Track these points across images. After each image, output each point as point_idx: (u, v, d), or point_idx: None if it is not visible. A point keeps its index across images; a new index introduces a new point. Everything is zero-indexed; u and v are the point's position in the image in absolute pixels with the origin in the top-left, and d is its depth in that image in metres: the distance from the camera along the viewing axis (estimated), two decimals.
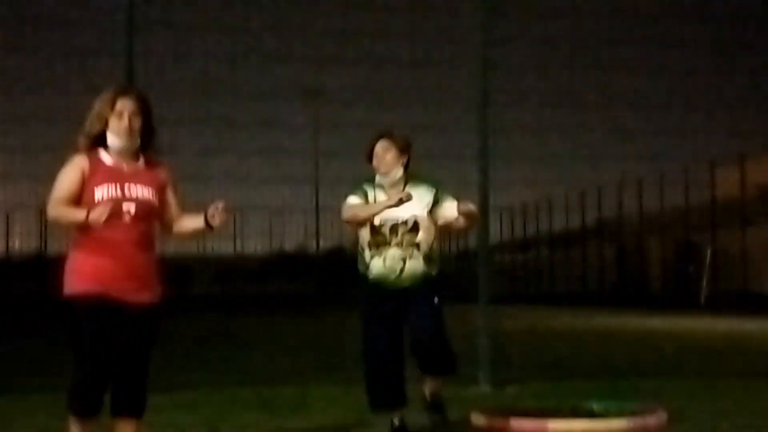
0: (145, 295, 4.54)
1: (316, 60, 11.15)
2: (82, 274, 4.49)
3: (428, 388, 5.74)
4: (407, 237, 5.54)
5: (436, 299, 5.63)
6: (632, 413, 6.14)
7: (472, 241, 6.95)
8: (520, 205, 41.72)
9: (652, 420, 5.96)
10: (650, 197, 35.87)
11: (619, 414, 6.17)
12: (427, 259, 5.58)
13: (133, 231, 4.52)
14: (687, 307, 26.35)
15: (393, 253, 5.53)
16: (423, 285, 5.59)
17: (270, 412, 6.63)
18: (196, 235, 4.79)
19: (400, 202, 5.39)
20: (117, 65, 8.03)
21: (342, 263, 41.31)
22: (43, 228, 36.75)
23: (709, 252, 32.17)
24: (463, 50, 8.86)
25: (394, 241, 5.53)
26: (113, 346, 4.49)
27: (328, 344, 13.28)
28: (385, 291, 5.57)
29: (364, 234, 5.60)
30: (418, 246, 5.56)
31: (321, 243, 40.54)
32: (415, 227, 5.55)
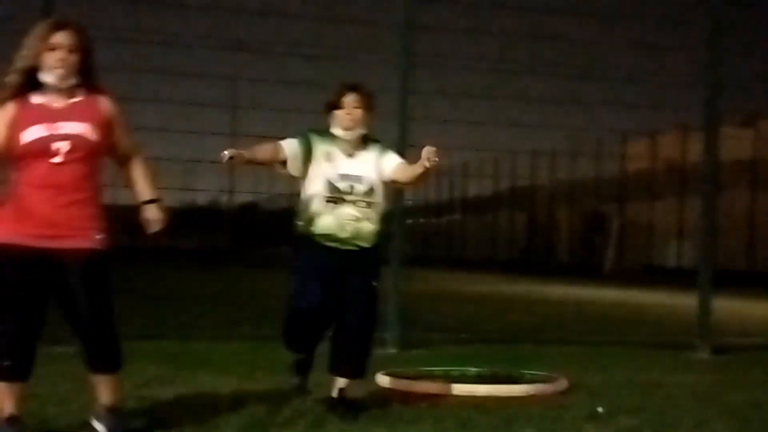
0: (81, 242, 4.22)
1: (238, 12, 10.98)
2: (7, 224, 4.21)
3: (337, 385, 5.41)
4: (363, 197, 5.34)
5: (374, 283, 5.41)
6: (534, 379, 6.28)
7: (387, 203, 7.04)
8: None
9: (553, 387, 6.09)
10: (563, 167, 36.48)
11: (522, 379, 6.30)
12: (376, 221, 5.40)
13: (67, 172, 4.19)
14: (592, 276, 26.95)
15: (347, 211, 5.31)
16: (369, 258, 5.38)
17: (176, 368, 6.59)
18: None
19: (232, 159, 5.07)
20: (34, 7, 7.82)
21: (255, 219, 41.11)
22: None
23: (616, 223, 32.89)
24: (389, 8, 8.81)
25: (349, 198, 5.31)
26: (42, 303, 4.24)
27: (238, 300, 13.23)
28: (329, 249, 5.31)
29: (317, 188, 5.33)
30: (371, 206, 5.37)
31: (235, 198, 40.26)
32: (371, 188, 5.37)
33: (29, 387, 4.36)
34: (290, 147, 5.35)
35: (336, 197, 5.32)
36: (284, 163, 5.36)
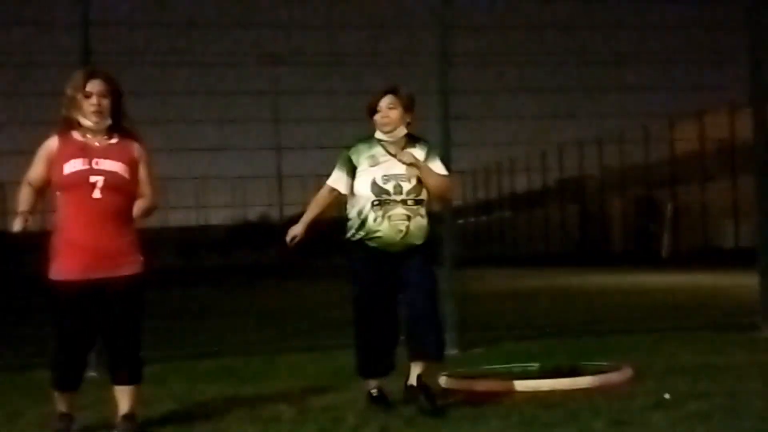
0: (123, 269, 4.78)
1: (275, 26, 11.04)
2: (62, 260, 4.75)
3: (414, 372, 5.44)
4: (412, 194, 5.35)
5: (431, 270, 5.48)
6: (597, 370, 6.20)
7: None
8: (482, 167, 41.83)
9: (617, 376, 6.02)
10: (610, 155, 36.13)
11: (585, 371, 6.23)
12: (427, 217, 5.43)
13: (104, 204, 4.74)
14: (648, 263, 26.64)
15: (398, 211, 5.33)
16: (423, 247, 5.42)
17: (237, 383, 6.62)
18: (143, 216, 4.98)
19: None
20: (72, 36, 7.91)
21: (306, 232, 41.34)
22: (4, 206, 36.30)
23: (669, 208, 32.50)
24: (422, 11, 8.79)
25: (398, 198, 5.34)
26: (92, 326, 4.79)
27: (291, 313, 13.28)
28: (385, 253, 5.35)
29: (364, 191, 5.38)
30: (420, 203, 5.39)
31: (284, 211, 40.43)
32: (419, 185, 5.38)
33: (79, 394, 5.02)
34: (337, 180, 5.51)
35: (383, 199, 5.35)
36: (339, 196, 5.55)
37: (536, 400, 5.40)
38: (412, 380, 5.41)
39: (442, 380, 6.09)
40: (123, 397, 4.87)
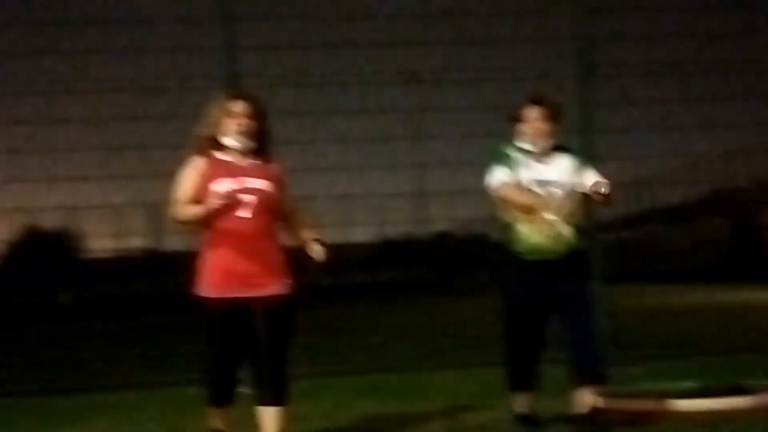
0: (273, 288, 4.72)
1: (412, 43, 11.08)
2: (212, 277, 4.73)
3: (580, 398, 5.33)
4: (563, 203, 5.25)
5: (586, 287, 5.36)
6: (757, 389, 5.93)
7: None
8: (631, 180, 40.93)
9: None
10: (764, 166, 34.75)
11: (744, 391, 5.96)
12: (577, 226, 5.30)
13: (255, 224, 4.71)
14: None
15: (550, 219, 5.21)
16: (573, 258, 5.29)
17: (386, 400, 6.63)
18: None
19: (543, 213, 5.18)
20: (205, 58, 8.15)
21: (449, 248, 41.25)
22: (155, 226, 37.67)
23: None
24: (558, 23, 8.69)
25: (551, 206, 5.22)
26: (243, 341, 4.74)
27: (439, 331, 13.25)
28: (537, 262, 5.24)
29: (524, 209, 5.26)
30: (572, 212, 5.28)
31: (428, 228, 40.52)
32: (569, 192, 5.29)
33: (232, 409, 4.93)
34: (506, 175, 5.34)
35: (536, 207, 5.22)
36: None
37: (694, 421, 5.20)
38: (582, 409, 5.28)
39: (595, 399, 5.93)
40: (268, 420, 4.76)
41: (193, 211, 4.70)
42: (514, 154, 5.38)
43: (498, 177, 5.33)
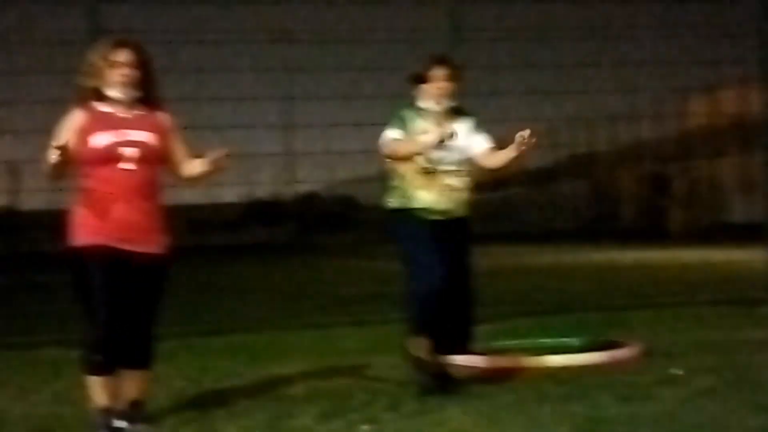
0: (149, 246, 4.51)
1: (284, 1, 10.99)
2: (86, 227, 4.46)
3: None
4: (456, 165, 5.37)
5: (469, 258, 5.48)
6: (606, 346, 6.21)
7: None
8: (494, 143, 41.68)
9: (626, 352, 6.02)
10: (622, 131, 35.97)
11: (594, 347, 6.23)
12: (469, 190, 5.44)
13: (135, 177, 4.48)
14: (659, 239, 26.58)
15: (444, 181, 5.34)
16: (463, 222, 5.43)
17: (248, 360, 6.65)
18: (205, 178, 4.70)
19: (442, 142, 5.21)
20: (80, 13, 7.93)
21: (316, 210, 41.28)
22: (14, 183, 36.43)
23: (680, 183, 32.39)
24: None
25: (444, 168, 5.34)
26: (123, 296, 4.44)
27: (302, 291, 13.30)
28: (430, 221, 5.34)
29: (411, 163, 5.35)
30: (464, 174, 5.41)
31: (296, 189, 40.41)
32: (465, 156, 5.40)
33: (119, 381, 4.51)
34: (398, 136, 5.38)
35: (432, 168, 5.32)
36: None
37: (546, 377, 5.41)
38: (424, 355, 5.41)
39: (449, 356, 6.10)
40: (130, 382, 4.55)
41: (48, 158, 4.36)
42: (413, 117, 5.42)
43: (390, 136, 5.39)
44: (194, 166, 4.67)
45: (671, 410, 4.50)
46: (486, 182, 43.20)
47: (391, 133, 5.39)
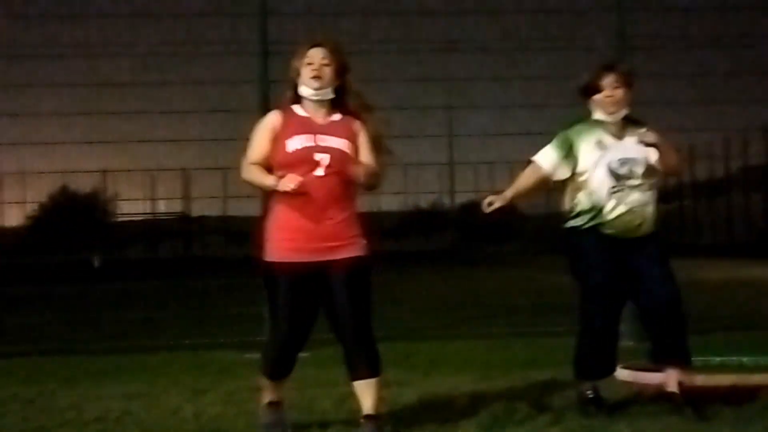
0: (346, 251, 4.49)
1: (449, 13, 11.00)
2: (281, 241, 4.49)
3: (672, 379, 5.04)
4: (643, 179, 5.04)
5: (669, 262, 5.11)
6: None
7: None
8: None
9: None
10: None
11: None
12: (657, 203, 5.12)
13: (328, 184, 4.46)
14: None
15: (634, 197, 5.02)
16: (656, 236, 5.12)
17: (411, 369, 6.65)
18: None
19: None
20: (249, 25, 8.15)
21: (477, 218, 41.26)
22: (186, 189, 37.89)
23: None
24: None
25: (632, 183, 5.02)
26: (312, 310, 4.53)
27: (466, 299, 13.26)
28: (619, 240, 5.02)
29: (600, 176, 5.03)
30: (651, 188, 5.07)
31: (456, 198, 40.41)
32: (650, 168, 5.06)
33: (289, 381, 4.75)
34: (547, 158, 5.15)
35: (621, 185, 5.02)
36: (547, 177, 5.16)
37: (718, 396, 5.17)
38: (671, 387, 5.05)
39: (618, 372, 5.92)
40: (365, 395, 4.48)
41: (262, 180, 4.48)
42: (589, 130, 5.11)
43: (545, 157, 5.14)
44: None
45: None
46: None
47: (546, 152, 5.15)
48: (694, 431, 4.39)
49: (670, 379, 5.02)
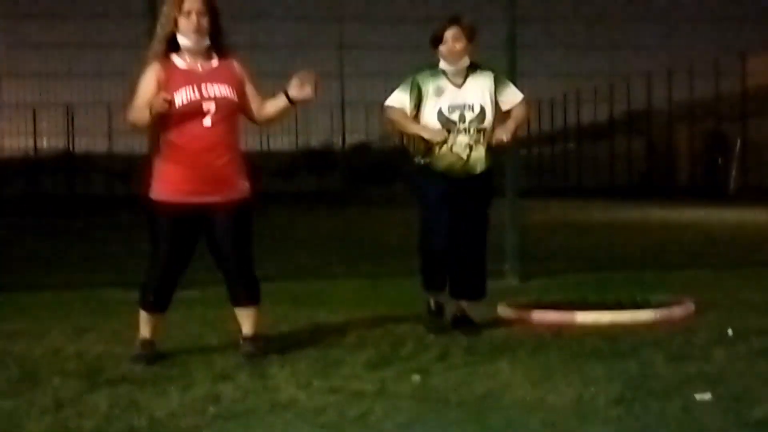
0: (230, 195, 4.73)
1: None
2: (166, 183, 4.70)
3: (454, 307, 5.76)
4: (474, 123, 5.49)
5: (487, 210, 5.66)
6: (660, 304, 6.15)
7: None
8: (548, 98, 41.27)
9: (679, 311, 5.96)
10: (680, 88, 35.35)
11: (647, 305, 6.18)
12: (489, 147, 5.54)
13: (215, 132, 4.65)
14: (715, 198, 26.21)
15: (460, 139, 5.49)
16: (482, 178, 5.58)
17: (298, 307, 6.69)
18: (283, 116, 4.90)
19: (443, 143, 5.45)
20: None
21: (367, 159, 41.29)
22: (70, 126, 36.85)
23: (738, 142, 31.83)
24: None
25: (462, 127, 5.48)
26: (190, 249, 4.79)
27: (352, 240, 13.34)
28: (447, 178, 5.51)
29: (431, 120, 5.51)
30: (483, 133, 5.51)
31: (347, 139, 40.35)
32: (482, 113, 5.50)
33: (165, 318, 4.97)
34: (402, 101, 5.57)
35: (448, 128, 5.47)
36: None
37: (597, 333, 5.38)
38: (456, 311, 5.72)
39: (500, 309, 6.09)
40: (245, 319, 4.89)
41: (142, 112, 4.61)
42: (432, 77, 5.56)
43: (395, 100, 5.59)
44: (269, 109, 4.86)
45: (724, 370, 4.45)
46: (540, 137, 42.87)
47: (398, 96, 5.58)
48: (570, 368, 4.54)
49: (456, 306, 5.69)
